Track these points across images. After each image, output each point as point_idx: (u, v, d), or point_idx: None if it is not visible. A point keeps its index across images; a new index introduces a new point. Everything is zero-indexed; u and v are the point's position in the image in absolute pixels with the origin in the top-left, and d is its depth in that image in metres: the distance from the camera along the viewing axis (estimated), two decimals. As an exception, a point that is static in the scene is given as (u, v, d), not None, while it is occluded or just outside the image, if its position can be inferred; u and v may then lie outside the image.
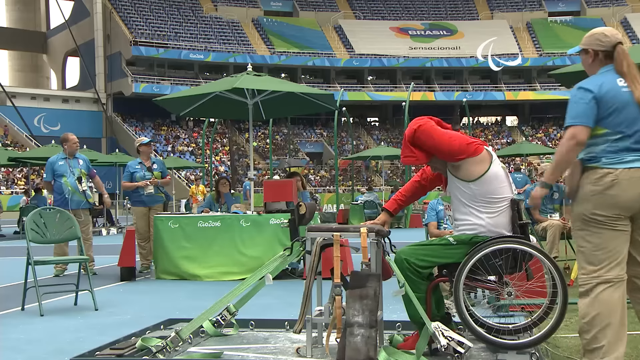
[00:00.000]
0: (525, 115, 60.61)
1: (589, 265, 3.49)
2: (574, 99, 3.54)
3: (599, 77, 3.58)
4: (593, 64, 3.68)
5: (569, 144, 3.47)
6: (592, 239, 3.48)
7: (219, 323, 4.51)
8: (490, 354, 3.92)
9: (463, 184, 3.94)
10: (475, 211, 3.92)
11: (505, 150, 28.29)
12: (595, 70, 3.67)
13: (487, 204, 3.90)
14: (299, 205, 6.86)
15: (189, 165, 36.51)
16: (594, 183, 3.47)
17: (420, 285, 3.86)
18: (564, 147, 3.50)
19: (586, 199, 3.49)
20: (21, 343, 4.93)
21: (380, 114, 62.52)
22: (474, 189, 3.91)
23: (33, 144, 42.27)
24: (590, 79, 3.59)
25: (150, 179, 9.20)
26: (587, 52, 3.69)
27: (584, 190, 3.51)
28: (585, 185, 3.50)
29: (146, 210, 9.19)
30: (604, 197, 3.44)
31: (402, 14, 62.69)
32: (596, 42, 3.66)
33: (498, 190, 3.91)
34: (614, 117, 3.47)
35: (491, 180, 3.90)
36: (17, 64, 68.28)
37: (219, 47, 54.75)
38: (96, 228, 19.81)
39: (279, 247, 7.61)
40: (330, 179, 48.44)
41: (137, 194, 9.22)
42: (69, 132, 9.42)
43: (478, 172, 3.90)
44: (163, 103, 9.87)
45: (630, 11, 60.34)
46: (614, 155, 3.47)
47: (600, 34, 3.68)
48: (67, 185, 8.77)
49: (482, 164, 3.91)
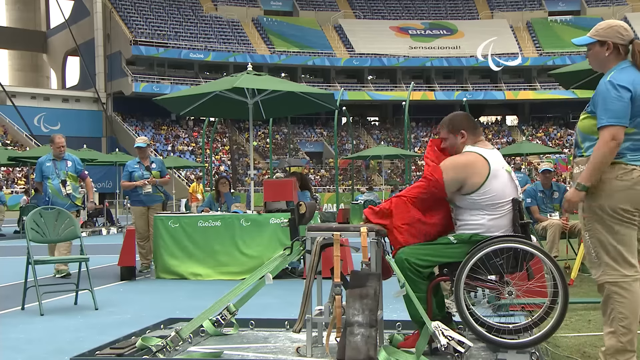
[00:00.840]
0: (525, 115, 60.61)
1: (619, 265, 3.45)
2: (612, 95, 3.41)
3: (628, 74, 3.48)
4: (609, 57, 3.57)
5: (610, 145, 3.39)
6: (614, 235, 3.47)
7: (219, 322, 4.51)
8: (490, 353, 3.92)
9: (461, 196, 3.95)
10: (476, 215, 3.92)
11: (505, 149, 28.21)
12: (609, 64, 3.57)
13: (488, 208, 3.90)
14: (298, 205, 6.85)
15: (189, 164, 36.52)
16: (620, 178, 3.44)
17: (420, 285, 3.85)
18: (606, 149, 3.39)
19: (610, 193, 3.45)
20: (21, 342, 4.93)
21: (380, 114, 62.52)
22: (474, 198, 3.91)
23: (33, 144, 42.24)
24: (622, 75, 3.46)
25: (149, 178, 9.19)
26: (604, 44, 3.57)
27: (608, 185, 3.46)
28: (610, 180, 3.46)
29: (145, 210, 9.18)
30: (630, 192, 3.43)
31: (402, 14, 62.69)
32: (617, 35, 3.55)
33: (499, 195, 3.90)
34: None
35: (490, 188, 3.88)
36: (17, 64, 68.27)
37: (219, 47, 54.75)
38: (96, 228, 19.82)
39: (279, 246, 7.61)
40: (330, 179, 48.46)
41: (136, 193, 9.21)
42: (57, 134, 9.20)
43: (475, 185, 3.88)
44: (163, 102, 9.87)
45: (630, 10, 60.34)
46: (635, 153, 3.47)
47: (620, 27, 3.57)
48: (50, 188, 8.72)
49: (479, 176, 3.88)
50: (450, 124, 4.12)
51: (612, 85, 3.43)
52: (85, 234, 17.43)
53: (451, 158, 4.02)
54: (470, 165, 3.91)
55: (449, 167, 3.93)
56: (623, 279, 3.45)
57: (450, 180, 3.89)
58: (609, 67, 3.57)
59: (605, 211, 3.47)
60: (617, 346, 3.44)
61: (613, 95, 3.41)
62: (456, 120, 4.12)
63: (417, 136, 55.36)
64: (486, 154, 3.96)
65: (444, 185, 3.89)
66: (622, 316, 3.43)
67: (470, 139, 4.07)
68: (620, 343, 3.43)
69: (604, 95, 3.45)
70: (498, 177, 3.91)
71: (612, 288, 3.47)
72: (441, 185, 3.89)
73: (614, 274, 3.47)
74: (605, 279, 3.50)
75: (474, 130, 4.10)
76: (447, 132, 4.11)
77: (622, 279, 3.45)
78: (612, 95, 3.41)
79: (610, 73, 3.52)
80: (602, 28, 3.60)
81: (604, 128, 3.41)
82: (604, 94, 3.45)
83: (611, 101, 3.41)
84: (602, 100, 3.44)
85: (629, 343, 3.44)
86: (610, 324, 3.48)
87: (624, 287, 3.45)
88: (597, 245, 3.52)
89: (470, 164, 3.92)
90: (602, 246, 3.50)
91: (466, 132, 4.07)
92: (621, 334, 3.43)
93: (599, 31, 3.60)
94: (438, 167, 3.95)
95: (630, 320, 3.43)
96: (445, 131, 4.13)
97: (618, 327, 3.44)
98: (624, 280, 3.45)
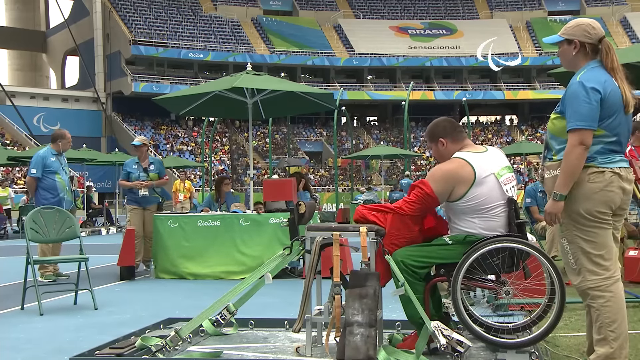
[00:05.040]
0: (525, 115, 60.59)
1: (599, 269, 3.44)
2: (581, 98, 3.37)
3: (598, 74, 3.45)
4: (576, 56, 3.55)
5: (578, 150, 3.36)
6: (592, 238, 3.45)
7: (219, 322, 4.51)
8: (489, 353, 3.92)
9: (448, 203, 3.95)
10: (466, 219, 3.91)
11: (505, 149, 28.19)
12: (578, 63, 3.54)
13: (477, 213, 3.88)
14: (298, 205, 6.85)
15: (188, 164, 36.50)
16: (593, 180, 3.43)
17: (417, 286, 3.84)
18: (576, 154, 3.37)
19: (585, 197, 3.44)
20: (21, 342, 4.93)
21: (379, 113, 62.51)
22: (460, 205, 3.90)
23: (32, 144, 42.22)
24: (592, 76, 3.43)
25: (145, 180, 9.15)
26: (571, 42, 3.55)
27: (581, 189, 3.44)
28: (582, 183, 3.44)
29: (141, 210, 9.18)
30: (604, 194, 3.42)
31: (401, 13, 62.68)
32: (583, 34, 3.52)
33: (487, 200, 3.86)
34: (612, 120, 3.43)
35: (476, 194, 3.85)
36: (17, 63, 68.22)
37: (219, 47, 54.73)
38: (96, 227, 19.82)
39: (279, 246, 7.60)
40: (329, 178, 48.43)
41: (132, 193, 9.20)
42: (64, 129, 8.96)
43: (460, 193, 3.86)
44: (162, 102, 9.87)
45: (629, 10, 60.32)
46: (606, 156, 3.45)
47: (587, 25, 3.53)
48: (61, 184, 8.47)
49: (464, 184, 3.85)
50: (429, 134, 4.16)
51: (582, 86, 3.39)
52: (85, 233, 17.43)
53: (437, 167, 3.99)
54: (455, 172, 3.87)
55: (438, 177, 3.89)
56: (604, 282, 3.44)
57: (441, 190, 3.86)
58: (579, 65, 3.54)
59: (582, 215, 3.45)
60: (608, 352, 3.41)
61: (582, 97, 3.37)
62: (433, 130, 4.12)
63: (417, 136, 55.32)
64: (472, 159, 3.90)
65: (437, 197, 3.88)
66: (609, 320, 3.42)
67: (454, 145, 4.03)
68: (612, 349, 3.41)
69: (573, 96, 3.41)
70: (484, 183, 3.86)
71: (595, 293, 3.46)
72: (434, 197, 3.87)
73: (595, 278, 3.45)
74: (586, 284, 3.48)
75: (455, 134, 4.05)
76: (429, 142, 4.16)
77: (603, 282, 3.44)
78: (581, 97, 3.37)
79: (580, 73, 3.48)
80: (570, 27, 3.58)
81: (572, 132, 3.38)
82: (573, 94, 3.41)
83: (579, 103, 3.37)
84: (571, 102, 3.41)
85: (620, 349, 3.41)
86: (598, 331, 3.45)
87: (606, 290, 3.43)
88: (577, 251, 3.50)
89: (455, 171, 3.87)
90: (581, 252, 3.49)
91: (445, 139, 4.04)
92: (612, 339, 3.41)
93: (567, 30, 3.59)
94: (424, 180, 3.93)
95: (618, 322, 3.41)
96: (428, 142, 4.19)
97: (607, 333, 3.42)
98: (605, 284, 3.44)
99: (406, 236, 3.95)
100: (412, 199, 3.91)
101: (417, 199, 3.89)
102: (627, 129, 3.54)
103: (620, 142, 3.49)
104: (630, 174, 3.51)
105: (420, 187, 3.90)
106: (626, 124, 3.52)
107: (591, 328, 3.57)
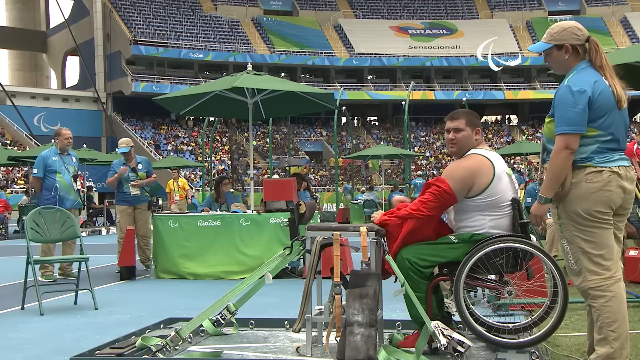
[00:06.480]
0: (525, 115, 60.58)
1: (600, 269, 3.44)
2: (568, 102, 3.39)
3: (587, 75, 3.46)
4: (570, 59, 3.55)
5: (563, 155, 3.39)
6: (592, 238, 3.45)
7: (219, 322, 4.51)
8: (490, 353, 3.92)
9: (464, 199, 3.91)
10: (478, 216, 3.90)
11: (505, 149, 28.26)
12: (572, 66, 3.55)
13: (490, 210, 3.89)
14: (298, 205, 6.85)
15: (188, 164, 36.50)
16: (591, 180, 3.43)
17: (421, 285, 3.84)
18: (560, 159, 3.40)
19: (584, 197, 3.44)
20: (21, 342, 4.93)
21: (380, 113, 62.49)
22: (477, 201, 3.89)
23: (33, 143, 42.21)
24: (581, 79, 3.44)
25: (135, 180, 9.15)
26: (562, 47, 3.55)
27: (580, 190, 3.45)
28: (580, 183, 3.45)
29: (131, 210, 9.20)
30: (602, 193, 3.42)
31: (401, 13, 62.66)
32: (572, 37, 3.54)
33: (501, 197, 3.89)
34: (605, 119, 3.43)
35: (494, 191, 3.87)
36: (17, 63, 68.21)
37: (219, 47, 54.71)
38: (96, 227, 19.81)
39: (279, 246, 7.60)
40: (330, 178, 48.42)
41: (123, 193, 9.21)
42: (63, 127, 8.98)
43: (481, 188, 3.86)
44: (163, 102, 9.87)
45: (630, 10, 60.30)
46: (603, 155, 3.45)
47: (574, 28, 3.55)
48: (62, 183, 8.44)
49: (485, 179, 3.87)
50: (471, 118, 4.08)
51: (569, 90, 3.40)
52: (85, 233, 17.43)
53: (455, 165, 3.96)
54: (475, 168, 3.88)
55: (456, 174, 3.88)
56: (605, 282, 3.44)
57: (459, 187, 3.84)
58: (570, 67, 3.55)
59: (581, 215, 3.45)
60: (609, 352, 3.41)
61: (568, 102, 3.38)
62: (475, 117, 4.11)
63: (417, 136, 55.33)
64: (491, 157, 3.95)
65: (454, 194, 3.85)
66: (609, 320, 3.41)
67: (477, 140, 4.05)
68: (612, 349, 3.41)
69: (560, 100, 3.43)
70: (501, 179, 3.91)
71: (596, 293, 3.45)
72: (452, 195, 3.85)
73: (595, 278, 3.45)
74: (587, 284, 3.48)
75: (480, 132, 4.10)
76: (465, 124, 4.03)
77: (604, 282, 3.44)
78: (567, 102, 3.39)
79: (569, 76, 3.50)
80: (557, 32, 3.57)
81: (559, 136, 3.40)
82: (560, 99, 3.43)
83: (566, 108, 3.39)
84: (558, 107, 3.43)
85: (620, 349, 3.41)
86: (599, 331, 3.45)
87: (607, 290, 3.43)
88: (577, 251, 3.50)
89: (475, 167, 3.89)
90: (581, 252, 3.49)
91: (480, 131, 4.06)
92: (612, 339, 3.41)
93: (554, 35, 3.58)
94: (441, 178, 3.90)
95: (619, 322, 3.41)
96: (463, 122, 4.03)
97: (608, 333, 3.41)
98: (606, 284, 3.44)
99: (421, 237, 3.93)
100: (429, 198, 3.86)
101: (434, 198, 3.85)
102: (623, 124, 3.53)
103: (617, 139, 3.49)
104: (631, 172, 3.51)
105: (437, 185, 3.87)
106: (621, 120, 3.52)
107: (592, 328, 3.57)
